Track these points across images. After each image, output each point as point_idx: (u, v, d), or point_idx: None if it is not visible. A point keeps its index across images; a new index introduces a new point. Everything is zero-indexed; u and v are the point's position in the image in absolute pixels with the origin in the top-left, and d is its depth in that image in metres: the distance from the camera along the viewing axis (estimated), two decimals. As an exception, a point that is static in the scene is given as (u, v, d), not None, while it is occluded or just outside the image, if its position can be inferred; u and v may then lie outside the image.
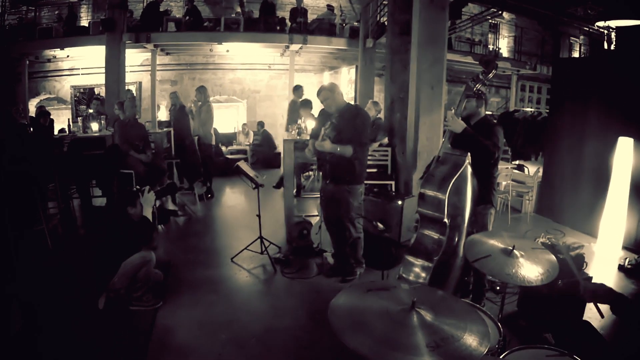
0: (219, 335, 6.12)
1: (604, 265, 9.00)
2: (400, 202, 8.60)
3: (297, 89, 14.44)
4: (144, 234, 6.93)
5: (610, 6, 10.55)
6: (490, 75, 5.93)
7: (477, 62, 7.94)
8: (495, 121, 7.34)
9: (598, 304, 3.40)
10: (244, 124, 21.16)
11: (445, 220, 5.69)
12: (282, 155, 11.73)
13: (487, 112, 6.73)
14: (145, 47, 18.12)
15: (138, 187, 9.07)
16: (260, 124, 20.67)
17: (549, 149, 12.38)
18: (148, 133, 11.88)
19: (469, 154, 5.88)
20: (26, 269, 7.98)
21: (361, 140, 7.25)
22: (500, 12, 16.35)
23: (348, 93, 19.57)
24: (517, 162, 14.86)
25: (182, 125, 13.20)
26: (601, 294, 3.32)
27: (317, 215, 9.77)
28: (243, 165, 8.86)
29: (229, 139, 20.49)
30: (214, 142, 14.04)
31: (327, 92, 7.31)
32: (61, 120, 18.33)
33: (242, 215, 12.06)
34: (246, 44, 19.07)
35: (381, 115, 12.12)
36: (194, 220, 11.50)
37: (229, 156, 18.34)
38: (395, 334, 2.77)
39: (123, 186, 9.95)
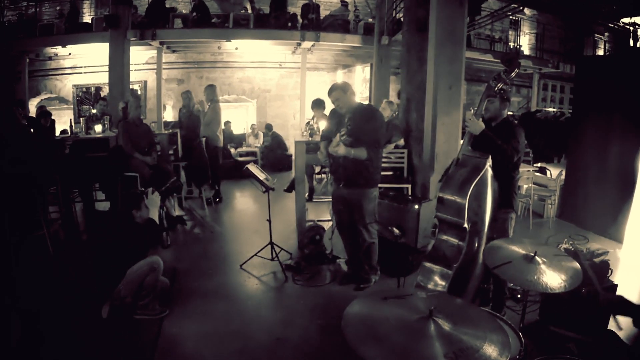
0: (227, 346, 6.13)
1: (629, 272, 8.96)
2: (416, 207, 8.55)
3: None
4: (151, 237, 6.95)
5: (636, 2, 10.53)
6: (513, 74, 5.89)
7: (497, 60, 7.95)
8: (516, 122, 7.32)
9: (617, 316, 3.40)
10: (253, 125, 21.21)
11: (465, 225, 5.67)
12: (293, 157, 11.72)
13: (509, 113, 6.71)
14: (150, 45, 18.12)
15: (143, 189, 9.09)
16: (268, 127, 20.76)
17: (572, 150, 12.36)
18: (153, 134, 11.89)
19: (490, 156, 5.87)
20: (27, 276, 8.01)
21: (376, 142, 7.25)
22: (521, 7, 16.33)
23: (362, 92, 19.60)
24: (538, 164, 14.83)
25: (191, 127, 13.19)
26: (621, 306, 3.33)
27: (330, 220, 9.78)
28: (253, 167, 8.87)
29: (238, 140, 20.54)
30: (221, 144, 14.07)
31: (339, 92, 7.29)
32: (63, 120, 18.35)
33: (252, 220, 12.04)
34: (256, 41, 19.02)
35: (397, 115, 12.13)
36: (201, 226, 11.48)
37: (238, 158, 18.40)
38: (411, 344, 2.77)
39: (127, 189, 9.95)
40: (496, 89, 5.91)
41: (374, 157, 7.25)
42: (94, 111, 15.11)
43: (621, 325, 3.39)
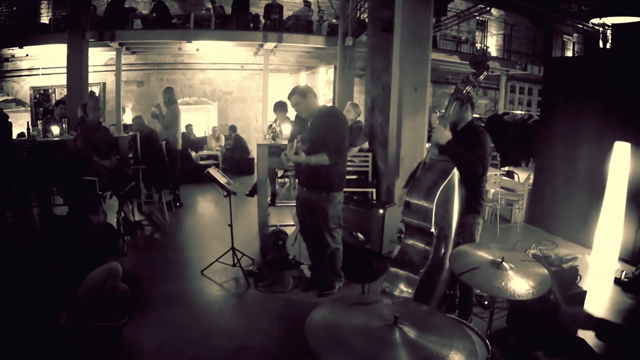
0: (188, 353, 6.10)
1: (599, 278, 9.04)
2: (381, 211, 8.58)
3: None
4: (110, 242, 6.91)
5: (605, 2, 10.59)
6: (482, 77, 5.88)
7: (464, 62, 7.99)
8: (482, 126, 7.35)
9: (580, 330, 3.41)
10: (215, 128, 21.17)
11: (433, 230, 5.64)
12: (255, 160, 11.70)
13: (475, 115, 6.73)
14: (109, 46, 18.03)
15: (100, 193, 9.05)
16: (232, 129, 20.67)
17: (540, 154, 12.42)
18: (113, 137, 11.82)
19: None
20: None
21: (338, 145, 7.23)
22: (488, 8, 16.48)
23: (326, 95, 19.59)
24: (506, 168, 14.90)
25: (154, 147, 13.10)
26: (581, 320, 3.34)
27: (293, 225, 9.79)
28: (214, 171, 8.83)
29: (200, 143, 20.47)
30: (180, 147, 14.06)
31: (298, 97, 7.30)
32: (19, 123, 18.15)
33: (213, 225, 12.02)
34: (217, 42, 19.05)
35: (361, 118, 12.14)
36: (161, 231, 11.43)
37: (199, 162, 18.33)
38: (376, 352, 2.77)
39: (86, 193, 9.87)
40: (464, 91, 5.90)
41: (337, 161, 7.23)
42: (53, 113, 14.97)
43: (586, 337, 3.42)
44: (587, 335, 3.32)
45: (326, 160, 7.05)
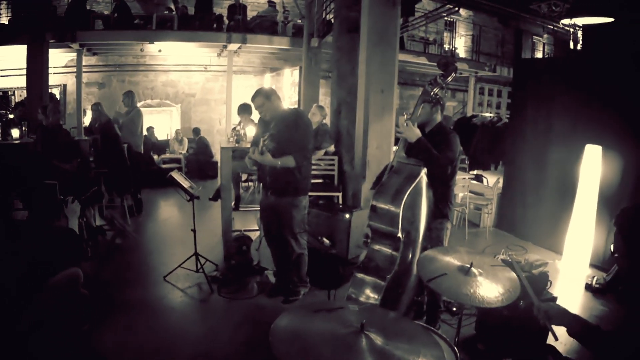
0: (149, 362, 6.08)
1: (569, 284, 9.08)
2: (347, 216, 8.57)
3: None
4: (71, 247, 6.84)
5: (576, 3, 10.64)
6: (450, 78, 5.88)
7: (432, 63, 7.98)
8: (451, 128, 7.35)
9: (552, 326, 3.41)
10: (178, 131, 21.09)
11: (399, 235, 5.62)
12: (219, 164, 11.66)
13: (446, 114, 6.74)
14: (70, 47, 17.88)
15: (62, 197, 8.96)
16: (196, 131, 20.56)
17: (509, 157, 12.47)
18: (73, 140, 11.74)
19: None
20: None
21: (303, 148, 7.21)
22: (456, 8, 16.53)
23: (291, 97, 19.62)
24: (474, 171, 14.91)
25: (109, 135, 13.02)
26: (554, 314, 3.33)
27: (257, 230, 9.75)
28: (176, 175, 8.78)
29: (162, 146, 20.38)
30: (142, 151, 14.01)
31: (262, 99, 7.28)
32: (-23, 126, 18.09)
33: (176, 230, 11.99)
34: (180, 43, 18.98)
35: (327, 120, 12.13)
36: (123, 236, 11.31)
37: (162, 165, 18.25)
38: (342, 359, 2.75)
39: (46, 198, 9.78)
40: (432, 93, 5.90)
41: (302, 164, 7.23)
42: (12, 116, 14.87)
43: (557, 335, 3.39)
44: (559, 331, 3.31)
45: (292, 162, 7.03)
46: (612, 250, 3.04)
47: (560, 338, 3.52)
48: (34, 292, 6.46)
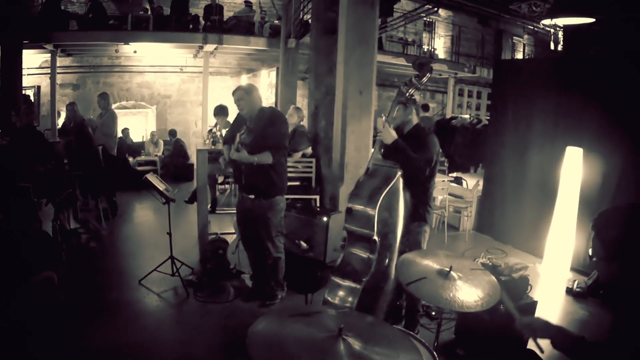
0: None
1: (550, 288, 9.10)
2: (325, 219, 8.58)
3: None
4: (46, 251, 6.80)
5: (557, 3, 10.67)
6: (425, 79, 5.88)
7: (410, 64, 7.96)
8: (429, 129, 7.33)
9: (537, 339, 3.40)
10: (153, 132, 21.02)
11: (375, 237, 5.61)
12: (195, 166, 11.63)
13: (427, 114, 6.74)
14: (44, 48, 17.80)
15: (36, 200, 8.92)
16: (172, 133, 20.53)
17: (489, 160, 12.50)
18: (48, 142, 11.68)
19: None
20: None
21: (280, 146, 7.23)
22: (435, 9, 16.55)
23: (268, 98, 19.62)
24: (454, 174, 14.92)
25: (83, 136, 12.97)
26: (538, 328, 3.33)
27: (234, 233, 9.73)
28: (152, 178, 8.76)
29: (137, 148, 20.30)
30: (115, 153, 13.96)
31: (242, 93, 7.29)
32: (-52, 128, 17.98)
33: (152, 233, 11.91)
34: (156, 44, 18.96)
35: (305, 122, 12.12)
36: (98, 239, 11.24)
37: (137, 168, 18.18)
38: (320, 364, 2.74)
39: (20, 200, 9.72)
40: (407, 94, 5.90)
41: (279, 163, 7.25)
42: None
43: (542, 347, 3.39)
44: (544, 344, 3.30)
45: (269, 158, 7.03)
46: (590, 254, 3.05)
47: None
48: (8, 297, 6.43)
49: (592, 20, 9.82)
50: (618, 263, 2.78)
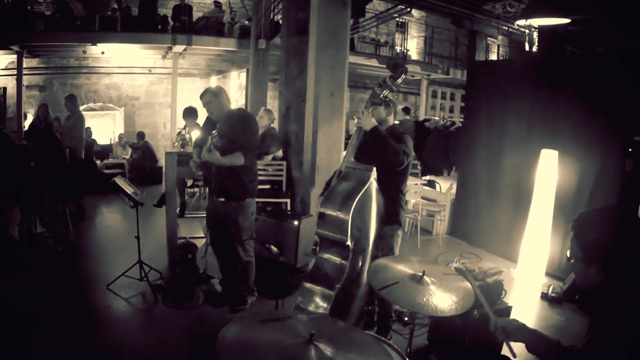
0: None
1: (525, 293, 9.11)
2: (296, 223, 8.60)
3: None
4: (12, 255, 6.76)
5: (532, 3, 10.71)
6: (399, 80, 5.89)
7: (383, 65, 7.96)
8: (402, 130, 7.34)
9: (510, 342, 3.40)
10: (121, 135, 20.90)
11: (348, 243, 5.61)
12: (163, 169, 11.57)
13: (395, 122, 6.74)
14: (10, 49, 17.65)
15: (1, 204, 8.86)
16: (140, 135, 20.42)
17: (463, 162, 12.54)
18: (14, 145, 11.61)
19: (374, 169, 5.87)
20: None
21: (251, 146, 7.21)
22: (408, 9, 16.56)
23: (238, 100, 19.60)
24: (427, 177, 14.96)
25: (51, 140, 12.89)
26: (512, 330, 3.33)
27: (203, 237, 9.71)
28: (120, 181, 8.70)
29: (105, 151, 20.18)
30: (83, 156, 13.88)
31: (210, 96, 7.26)
32: None
33: (119, 237, 11.83)
34: (124, 45, 18.87)
35: (275, 125, 12.10)
36: (64, 243, 11.07)
37: (105, 171, 18.07)
38: (291, 371, 2.73)
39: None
40: (382, 95, 5.91)
41: (250, 165, 7.22)
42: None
43: (515, 351, 3.38)
44: (518, 348, 3.30)
45: (241, 160, 6.99)
46: (568, 256, 3.05)
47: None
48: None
49: (568, 21, 9.86)
50: (597, 266, 2.79)
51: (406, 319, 7.17)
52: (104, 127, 22.61)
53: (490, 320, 3.45)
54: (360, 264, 5.88)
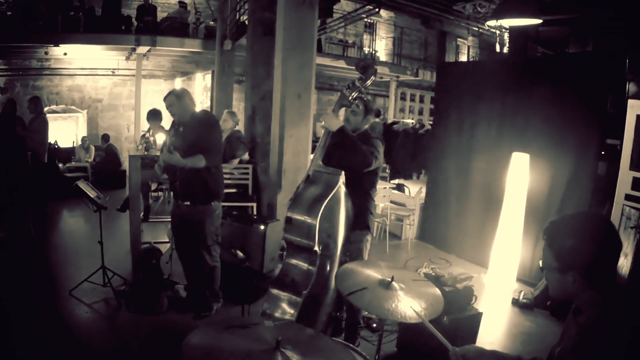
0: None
1: (495, 299, 9.13)
2: (262, 227, 8.59)
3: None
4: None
5: (502, 4, 10.74)
6: (369, 82, 5.86)
7: (351, 67, 7.95)
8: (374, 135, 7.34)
9: None
10: (84, 138, 20.77)
11: (316, 248, 5.57)
12: (127, 173, 11.53)
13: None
14: (-31, 50, 17.48)
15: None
16: (105, 138, 20.32)
17: (432, 166, 12.57)
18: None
19: (343, 173, 5.85)
20: None
21: (212, 149, 7.19)
22: (377, 9, 16.55)
23: (203, 102, 19.59)
24: (396, 181, 14.96)
25: (11, 141, 12.80)
26: (472, 357, 3.32)
27: (167, 242, 9.66)
28: (83, 185, 8.65)
29: (67, 154, 20.04)
30: (45, 159, 13.77)
31: (172, 98, 7.25)
32: None
33: (82, 242, 11.77)
34: (87, 46, 18.75)
35: (241, 127, 12.09)
36: (25, 248, 11.06)
37: (67, 174, 17.96)
38: (257, 378, 2.72)
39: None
40: (350, 98, 5.88)
41: (214, 166, 7.25)
42: None
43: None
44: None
45: (202, 162, 6.97)
46: (540, 265, 3.03)
47: None
48: None
49: (539, 21, 9.90)
50: (574, 274, 2.77)
51: (375, 325, 7.17)
52: (66, 130, 22.44)
53: (449, 350, 3.44)
54: (328, 269, 5.86)
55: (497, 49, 24.66)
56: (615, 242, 2.80)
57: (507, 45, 22.10)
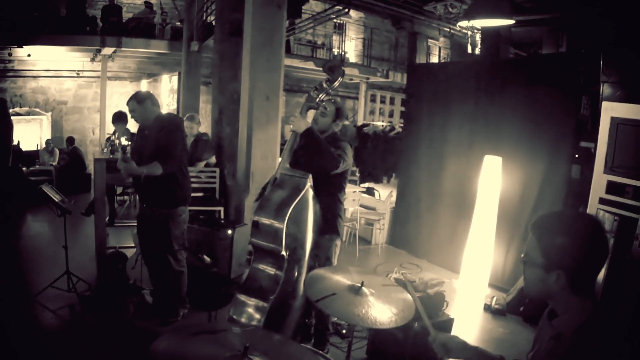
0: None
1: (467, 304, 9.14)
2: (230, 232, 8.59)
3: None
4: None
5: (474, 4, 10.77)
6: (336, 83, 5.87)
7: (320, 69, 7.94)
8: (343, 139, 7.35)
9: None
10: (48, 141, 20.63)
11: (283, 253, 5.57)
12: (92, 176, 11.47)
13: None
14: None
15: None
16: (70, 141, 20.20)
17: (403, 169, 12.56)
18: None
19: (310, 176, 5.85)
20: None
21: (170, 153, 7.11)
22: (346, 10, 16.59)
23: (170, 104, 19.53)
24: (366, 184, 14.96)
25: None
26: (453, 347, 3.31)
27: (133, 247, 9.63)
28: (47, 188, 8.62)
29: (31, 158, 19.90)
30: (10, 163, 13.66)
31: (134, 103, 7.22)
32: None
33: (46, 246, 11.66)
34: (51, 47, 18.66)
35: (207, 130, 12.07)
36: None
37: (31, 178, 17.86)
38: (224, 385, 2.71)
39: None
40: (317, 100, 5.88)
41: (177, 171, 7.21)
42: None
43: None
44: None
45: (158, 169, 6.93)
46: (522, 256, 2.99)
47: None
48: None
49: (511, 22, 9.93)
50: (559, 273, 2.74)
51: (344, 331, 7.16)
52: (30, 133, 22.24)
53: (430, 334, 3.42)
54: (296, 274, 5.86)
55: (469, 50, 24.70)
56: (605, 247, 2.78)
57: (479, 46, 22.17)
